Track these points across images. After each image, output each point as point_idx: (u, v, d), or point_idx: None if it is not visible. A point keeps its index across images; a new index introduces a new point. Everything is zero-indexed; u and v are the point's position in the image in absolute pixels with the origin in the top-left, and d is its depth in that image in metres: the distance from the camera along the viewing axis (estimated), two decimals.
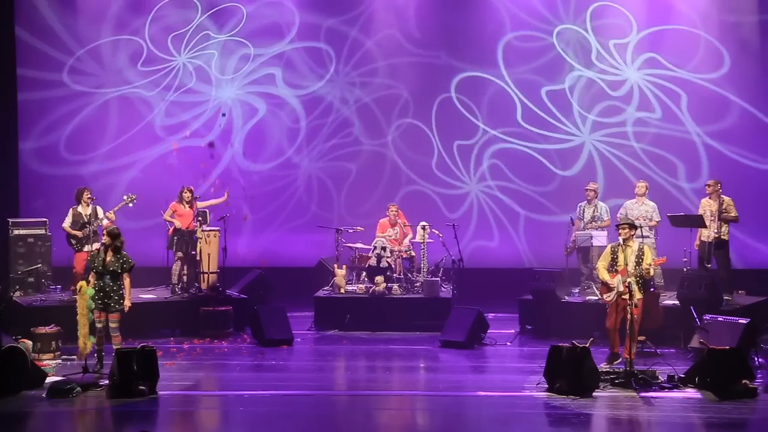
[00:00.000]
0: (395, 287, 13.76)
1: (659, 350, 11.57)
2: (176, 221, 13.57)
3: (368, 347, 12.58)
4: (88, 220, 13.06)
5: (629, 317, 10.29)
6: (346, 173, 16.49)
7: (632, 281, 10.45)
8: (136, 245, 13.18)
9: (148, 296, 13.50)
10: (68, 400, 9.66)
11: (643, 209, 13.49)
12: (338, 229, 14.35)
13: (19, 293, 13.37)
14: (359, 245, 14.37)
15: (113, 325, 10.60)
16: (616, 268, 10.71)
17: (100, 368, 10.56)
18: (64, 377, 10.23)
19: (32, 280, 13.78)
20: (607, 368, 10.42)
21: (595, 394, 9.77)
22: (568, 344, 9.91)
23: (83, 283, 10.92)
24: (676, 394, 9.84)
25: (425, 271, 13.89)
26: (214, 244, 13.82)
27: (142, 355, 9.83)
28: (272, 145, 16.58)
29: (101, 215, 13.15)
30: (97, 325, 10.62)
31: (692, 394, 9.83)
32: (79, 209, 13.21)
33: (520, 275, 14.26)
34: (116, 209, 13.21)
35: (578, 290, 13.55)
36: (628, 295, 10.34)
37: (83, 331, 10.83)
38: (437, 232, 14.09)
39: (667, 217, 13.35)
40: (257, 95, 16.54)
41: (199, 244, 13.61)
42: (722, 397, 9.59)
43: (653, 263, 11.45)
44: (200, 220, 13.78)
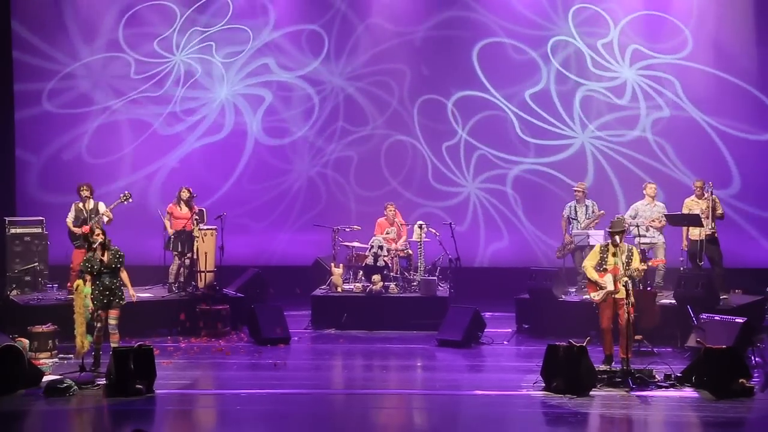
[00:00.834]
0: (392, 286, 13.76)
1: (656, 349, 11.57)
2: (167, 224, 13.60)
3: (365, 346, 12.58)
4: (88, 216, 13.09)
5: (625, 317, 10.30)
6: (344, 171, 16.49)
7: (628, 281, 10.46)
8: (132, 244, 13.22)
9: (145, 295, 13.48)
10: (65, 398, 9.66)
11: (655, 210, 13.48)
12: (335, 228, 14.35)
13: (15, 292, 13.35)
14: (356, 244, 14.37)
15: (113, 321, 10.62)
16: (604, 267, 10.70)
17: (97, 367, 10.56)
18: (61, 376, 10.22)
19: (29, 278, 13.75)
20: (604, 367, 10.42)
21: (592, 393, 9.78)
22: (565, 343, 9.92)
23: (80, 281, 10.92)
24: (672, 393, 9.85)
25: (422, 270, 13.90)
26: (210, 242, 13.82)
27: (138, 353, 9.83)
28: (273, 142, 16.59)
29: (102, 210, 13.13)
30: (96, 324, 10.62)
31: (689, 393, 9.84)
32: (80, 205, 13.23)
33: (517, 274, 14.26)
34: (112, 207, 13.18)
35: (575, 289, 13.56)
36: (624, 294, 10.35)
37: (80, 329, 10.83)
38: (434, 231, 14.10)
39: (664, 216, 13.37)
40: (259, 86, 16.52)
41: (196, 242, 13.61)
42: (719, 396, 9.60)
43: (652, 263, 11.49)
44: (197, 219, 13.77)
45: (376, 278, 13.60)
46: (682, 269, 12.84)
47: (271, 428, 8.99)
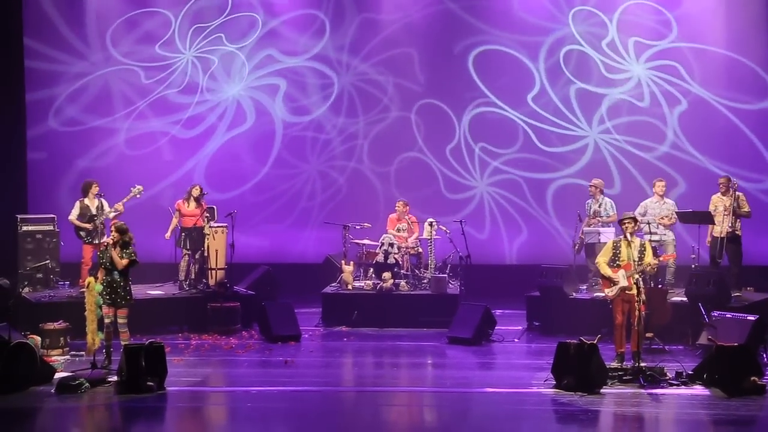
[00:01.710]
0: (402, 283, 13.76)
1: (667, 347, 11.56)
2: (174, 221, 13.64)
3: (375, 343, 12.58)
4: (96, 213, 13.12)
5: (636, 313, 10.27)
6: (350, 169, 16.49)
7: (639, 277, 10.44)
8: (143, 242, 13.22)
9: (156, 293, 13.52)
10: (77, 395, 9.69)
11: (664, 208, 13.42)
12: (345, 225, 14.35)
13: (27, 289, 13.40)
14: (366, 241, 14.37)
15: (121, 320, 10.63)
16: (618, 263, 10.68)
17: (108, 364, 10.59)
18: (72, 373, 10.25)
19: (41, 276, 13.80)
20: (615, 365, 10.40)
21: (602, 390, 9.77)
22: (575, 341, 9.91)
23: (91, 279, 10.95)
24: (684, 391, 9.83)
25: (432, 267, 13.89)
26: (221, 240, 13.84)
27: (150, 351, 9.85)
28: (279, 142, 16.61)
29: (107, 209, 13.20)
30: (105, 321, 10.65)
31: (700, 391, 9.82)
32: (86, 202, 13.27)
33: (527, 271, 14.24)
34: (125, 200, 13.24)
35: (586, 287, 13.53)
36: (635, 290, 10.33)
37: (92, 327, 10.86)
38: (444, 228, 14.08)
39: (675, 213, 13.32)
40: (263, 94, 16.54)
41: (206, 240, 13.63)
42: (731, 394, 9.57)
43: (663, 258, 11.44)
44: (207, 216, 13.80)
45: (386, 276, 13.60)
46: (693, 266, 12.78)
47: (281, 425, 9.00)
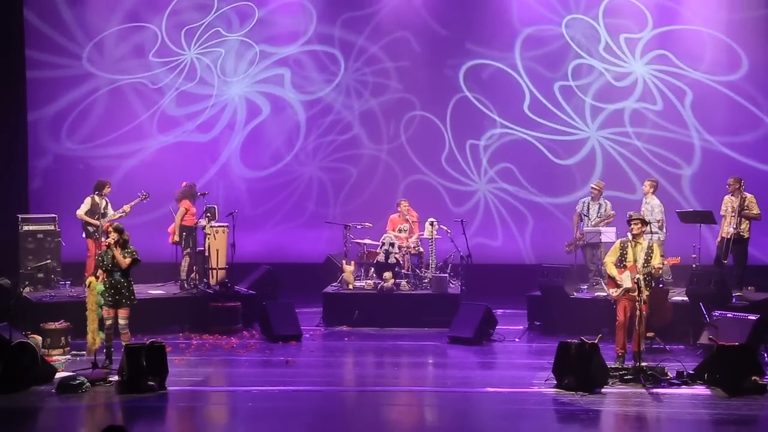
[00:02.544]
0: (403, 283, 13.76)
1: (668, 347, 11.56)
2: (178, 220, 13.67)
3: (376, 343, 12.58)
4: (102, 212, 13.21)
5: (637, 313, 10.27)
6: (353, 169, 16.49)
7: (641, 278, 10.43)
8: (144, 242, 13.23)
9: (157, 292, 13.53)
10: (78, 395, 9.70)
11: (645, 208, 13.43)
12: (346, 225, 14.35)
13: (28, 289, 13.39)
14: (367, 241, 14.38)
15: (123, 321, 10.62)
16: (624, 263, 10.68)
17: (109, 364, 10.59)
18: (73, 373, 10.25)
19: (42, 275, 13.80)
20: (616, 365, 10.40)
21: (603, 390, 9.77)
22: (576, 340, 9.91)
23: (92, 278, 10.96)
24: (685, 390, 9.83)
25: (433, 267, 13.89)
26: (222, 240, 13.85)
27: (151, 350, 9.86)
28: (280, 141, 16.60)
29: (111, 211, 13.32)
30: (106, 322, 10.66)
31: (701, 390, 9.82)
32: (97, 199, 13.34)
33: (528, 271, 14.26)
34: (133, 204, 13.46)
35: (587, 286, 13.54)
36: (636, 291, 10.32)
37: (93, 326, 10.89)
38: (445, 228, 14.09)
39: (676, 213, 13.31)
40: (264, 93, 16.53)
41: (207, 240, 13.65)
42: (732, 393, 9.57)
43: (668, 262, 11.43)
44: (209, 215, 13.81)
45: (387, 275, 13.60)
46: (694, 266, 12.78)
47: (282, 425, 9.00)
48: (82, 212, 13.36)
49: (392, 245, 13.81)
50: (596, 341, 9.89)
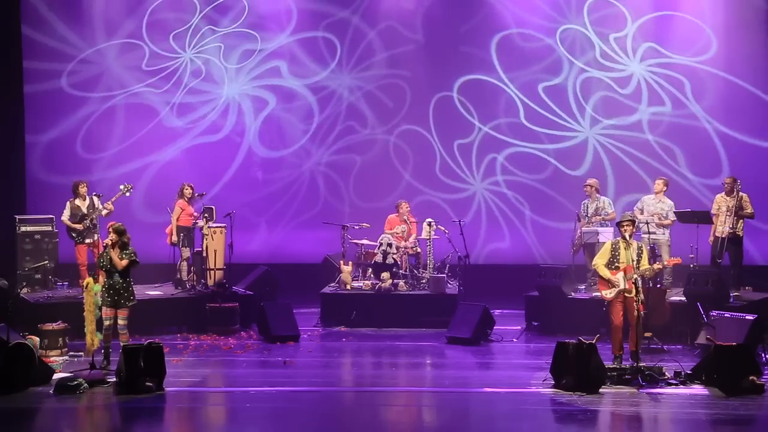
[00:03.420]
0: (401, 284, 13.76)
1: (666, 347, 11.57)
2: (174, 219, 13.66)
3: (374, 344, 12.58)
4: (86, 212, 13.14)
5: (635, 314, 10.28)
6: (351, 168, 16.49)
7: (638, 278, 10.44)
8: (142, 242, 13.22)
9: (154, 293, 13.52)
10: (75, 396, 9.69)
11: (659, 206, 13.42)
12: (344, 225, 14.35)
13: (26, 290, 13.37)
14: (365, 242, 14.38)
15: (122, 322, 10.62)
16: (617, 264, 10.69)
17: (107, 365, 10.59)
18: (71, 374, 10.25)
19: (39, 276, 13.80)
20: (613, 365, 10.40)
21: (601, 390, 9.77)
22: (574, 340, 9.92)
23: (90, 279, 10.95)
24: (682, 390, 9.84)
25: (431, 267, 13.90)
26: (220, 240, 13.85)
27: (148, 351, 9.85)
28: (279, 140, 16.61)
29: (99, 206, 13.25)
30: (105, 322, 10.65)
31: (699, 390, 9.82)
32: (76, 202, 13.33)
33: (526, 271, 14.25)
34: (114, 200, 13.32)
35: (584, 286, 13.53)
36: (633, 292, 10.33)
37: (90, 327, 10.88)
38: (443, 228, 14.09)
39: (673, 213, 13.32)
40: (264, 88, 16.52)
41: (205, 240, 13.64)
42: (729, 393, 9.58)
43: (668, 263, 11.44)
44: (206, 216, 13.81)
45: (385, 276, 13.61)
46: (692, 266, 12.78)
47: (280, 426, 9.00)
48: (65, 218, 13.32)
49: (390, 246, 13.81)
50: (594, 341, 9.89)
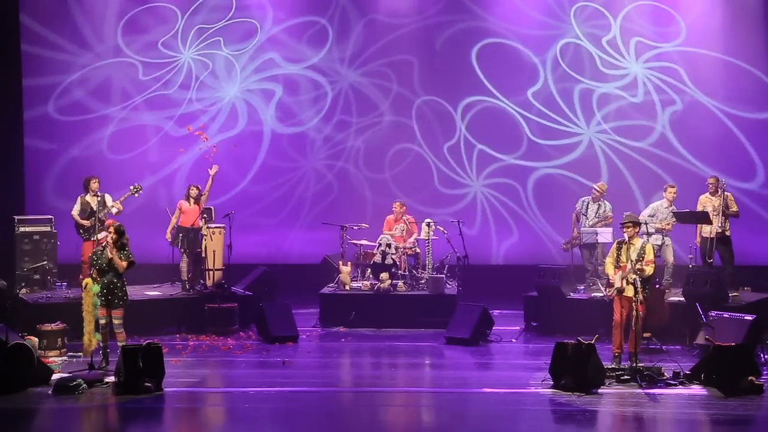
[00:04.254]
0: (400, 284, 13.76)
1: (665, 347, 11.57)
2: (174, 220, 13.63)
3: (373, 344, 12.58)
4: (96, 209, 13.15)
5: (633, 314, 10.29)
6: (350, 169, 16.49)
7: (637, 278, 10.45)
8: (141, 242, 13.23)
9: (153, 293, 13.52)
10: (74, 396, 9.69)
11: (669, 213, 13.40)
12: (343, 225, 14.36)
13: (25, 290, 13.37)
14: (364, 242, 14.38)
15: (117, 321, 10.62)
16: (619, 264, 10.73)
17: (105, 365, 10.59)
18: (70, 374, 10.25)
19: (38, 277, 13.80)
20: (612, 365, 10.41)
21: (600, 390, 9.78)
22: (573, 341, 9.92)
23: (89, 280, 10.94)
24: (681, 390, 9.84)
25: (430, 267, 13.90)
26: (219, 241, 13.85)
27: (147, 351, 9.85)
28: (279, 141, 16.61)
29: (110, 203, 13.22)
30: (100, 321, 10.65)
31: (698, 390, 9.83)
32: (87, 198, 13.31)
33: (525, 272, 14.24)
34: (122, 199, 13.30)
35: (583, 287, 13.54)
36: (632, 291, 10.34)
37: (89, 328, 10.87)
38: (442, 228, 14.09)
39: (672, 213, 13.32)
40: (262, 90, 16.54)
41: (204, 241, 13.64)
42: (728, 393, 9.58)
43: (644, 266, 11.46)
44: (205, 217, 13.81)
45: (384, 276, 13.61)
46: (690, 266, 12.80)
47: (279, 426, 9.00)
48: (75, 213, 13.32)
49: (389, 246, 13.81)
50: (593, 342, 9.90)
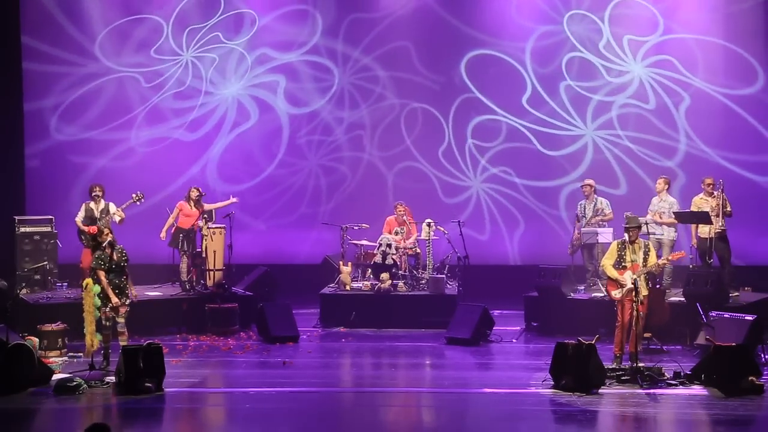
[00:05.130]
0: (401, 284, 13.76)
1: (665, 347, 11.57)
2: (171, 220, 13.64)
3: (374, 344, 12.58)
4: (99, 216, 13.14)
5: (635, 314, 10.29)
6: (350, 169, 16.49)
7: (639, 278, 10.45)
8: (141, 243, 13.24)
9: (154, 293, 13.52)
10: (75, 397, 9.69)
11: (660, 206, 13.40)
12: (344, 226, 14.36)
13: (25, 291, 13.38)
14: (365, 242, 14.38)
15: (121, 320, 10.64)
16: (624, 264, 10.71)
17: (106, 365, 10.59)
18: (70, 374, 10.25)
19: (38, 277, 13.80)
20: (613, 365, 10.41)
21: (601, 390, 9.78)
22: (573, 341, 9.92)
23: (89, 280, 10.94)
24: (682, 391, 9.84)
25: (430, 268, 13.90)
26: (219, 241, 13.85)
27: (148, 352, 9.86)
28: (278, 142, 16.61)
29: (113, 210, 13.21)
30: (104, 322, 10.66)
31: (698, 391, 9.83)
32: (91, 205, 13.29)
33: (525, 272, 14.25)
34: (125, 207, 13.29)
35: (584, 287, 13.54)
36: (634, 291, 10.35)
37: (90, 328, 10.85)
38: (443, 229, 14.09)
39: (672, 213, 13.32)
40: (258, 97, 16.50)
41: (204, 241, 13.64)
42: (728, 393, 9.58)
43: (672, 257, 11.46)
44: (206, 217, 13.82)
45: (384, 276, 13.61)
46: (690, 267, 12.80)
47: (279, 426, 9.00)
48: (78, 219, 13.27)
49: (389, 246, 13.81)
50: (593, 342, 9.90)
